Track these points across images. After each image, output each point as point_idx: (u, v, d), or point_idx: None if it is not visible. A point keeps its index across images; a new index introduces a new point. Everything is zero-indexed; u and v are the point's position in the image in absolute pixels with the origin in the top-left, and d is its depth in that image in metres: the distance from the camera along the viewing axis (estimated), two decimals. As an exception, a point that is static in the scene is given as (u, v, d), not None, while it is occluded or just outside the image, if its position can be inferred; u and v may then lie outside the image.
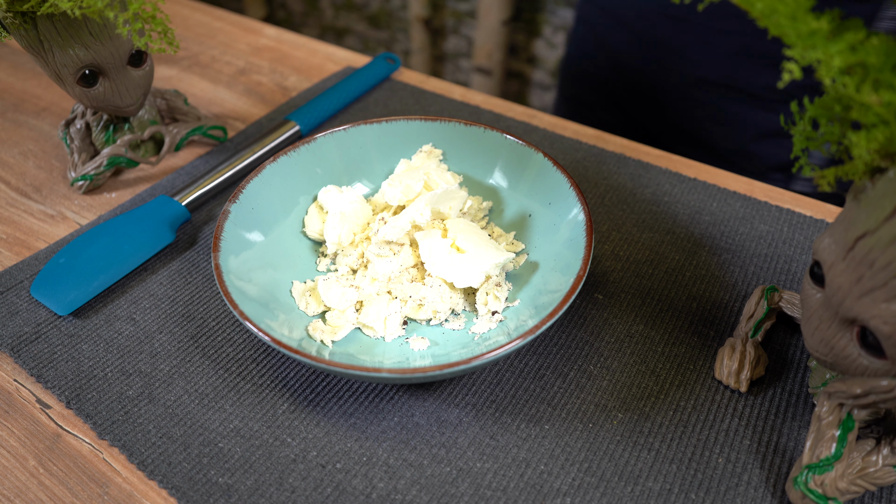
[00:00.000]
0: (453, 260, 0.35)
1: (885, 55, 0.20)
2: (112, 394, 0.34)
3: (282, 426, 0.32)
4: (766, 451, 0.30)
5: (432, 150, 0.42)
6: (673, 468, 0.30)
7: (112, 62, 0.42)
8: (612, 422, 0.32)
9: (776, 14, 0.21)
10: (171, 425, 0.32)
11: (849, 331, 0.25)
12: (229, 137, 0.52)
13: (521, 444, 0.31)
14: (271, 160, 0.39)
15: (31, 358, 0.35)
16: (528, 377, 0.34)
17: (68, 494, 0.30)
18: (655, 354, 0.35)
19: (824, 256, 0.25)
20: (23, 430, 0.33)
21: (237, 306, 0.31)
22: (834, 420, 0.27)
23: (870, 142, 0.21)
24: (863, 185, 0.24)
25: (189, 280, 0.40)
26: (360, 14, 1.71)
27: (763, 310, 0.35)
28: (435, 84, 0.58)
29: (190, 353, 0.36)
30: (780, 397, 0.33)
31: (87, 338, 0.36)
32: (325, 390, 0.34)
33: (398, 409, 0.33)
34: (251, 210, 0.37)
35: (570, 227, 0.36)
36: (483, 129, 0.41)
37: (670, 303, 0.38)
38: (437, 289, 0.36)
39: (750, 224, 0.42)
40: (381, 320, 0.35)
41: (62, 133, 0.49)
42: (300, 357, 0.29)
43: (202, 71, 0.62)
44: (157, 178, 0.49)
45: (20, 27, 0.39)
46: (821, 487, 0.27)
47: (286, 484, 0.30)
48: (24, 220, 0.45)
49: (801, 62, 0.21)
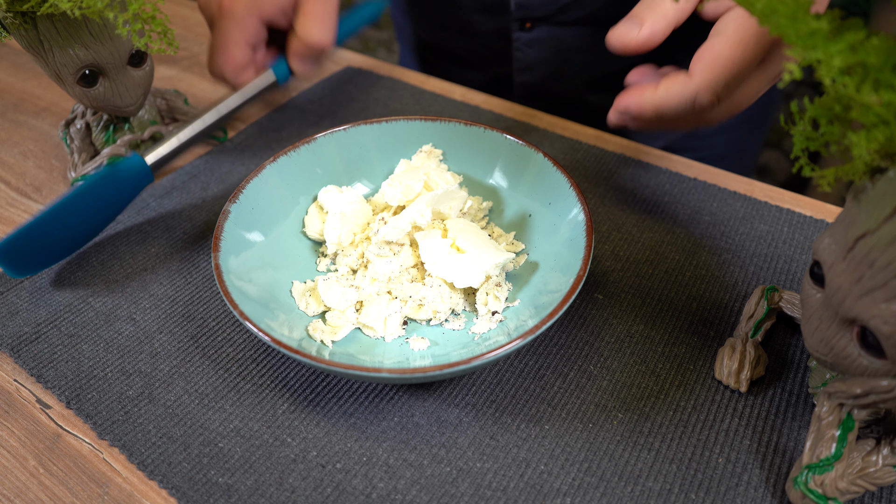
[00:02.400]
0: (453, 260, 0.35)
1: (885, 55, 0.20)
2: (112, 394, 0.34)
3: (282, 426, 0.32)
4: (766, 451, 0.30)
5: (432, 150, 0.42)
6: (673, 468, 0.30)
7: (112, 62, 0.42)
8: (612, 422, 0.32)
9: (776, 14, 0.21)
10: (171, 425, 0.32)
11: (849, 331, 0.25)
12: (229, 137, 0.52)
13: (521, 444, 0.31)
14: (271, 160, 0.39)
15: (31, 358, 0.35)
16: (528, 377, 0.34)
17: (68, 494, 0.30)
18: (655, 354, 0.35)
19: (824, 256, 0.25)
20: (23, 430, 0.33)
21: (237, 306, 0.31)
22: (834, 420, 0.27)
23: (870, 142, 0.21)
24: (863, 185, 0.24)
25: (189, 280, 0.40)
26: (360, 14, 1.70)
27: (763, 310, 0.35)
28: (435, 84, 0.58)
29: (190, 353, 0.36)
30: (780, 397, 0.33)
31: (87, 338, 0.36)
32: (325, 390, 0.34)
33: (398, 409, 0.33)
34: (251, 210, 0.37)
35: (570, 227, 0.36)
36: (483, 129, 0.41)
37: (670, 303, 0.38)
38: (437, 289, 0.36)
39: (750, 224, 0.42)
40: (381, 320, 0.35)
41: (62, 133, 0.49)
42: (300, 357, 0.29)
43: (202, 71, 0.62)
44: (157, 178, 0.49)
45: (20, 27, 0.39)
46: (821, 487, 0.27)
47: (286, 484, 0.30)
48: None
49: (801, 62, 0.21)
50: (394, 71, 0.60)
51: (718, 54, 0.30)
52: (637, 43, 0.32)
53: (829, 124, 0.24)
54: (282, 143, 0.51)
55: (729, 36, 0.30)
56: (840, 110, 0.23)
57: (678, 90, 0.32)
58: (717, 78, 0.31)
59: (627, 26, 0.32)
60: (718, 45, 0.31)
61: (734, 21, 0.31)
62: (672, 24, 0.32)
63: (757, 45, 0.31)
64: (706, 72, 0.31)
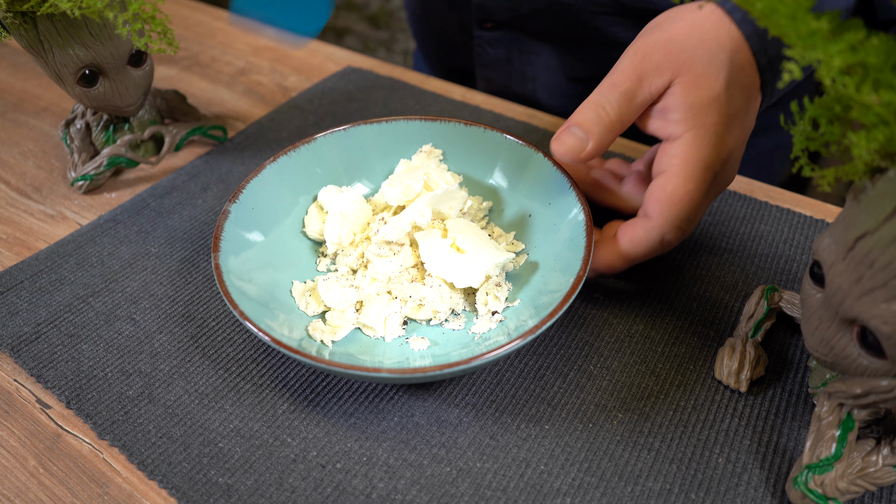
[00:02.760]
0: (453, 260, 0.35)
1: (885, 55, 0.20)
2: (112, 394, 0.34)
3: (282, 426, 0.32)
4: (766, 451, 0.30)
5: (432, 150, 0.42)
6: (673, 468, 0.30)
7: (112, 62, 0.42)
8: (612, 422, 0.32)
9: (776, 14, 0.21)
10: (171, 425, 0.32)
11: (849, 331, 0.25)
12: (229, 137, 0.52)
13: (521, 444, 0.31)
14: (271, 160, 0.39)
15: (32, 358, 0.35)
16: (528, 377, 0.34)
17: (68, 494, 0.30)
18: (655, 354, 0.35)
19: (824, 256, 0.25)
20: (23, 430, 0.33)
21: (237, 306, 0.31)
22: (834, 420, 0.27)
23: (870, 142, 0.21)
24: (863, 185, 0.24)
25: (189, 280, 0.40)
26: (360, 14, 1.71)
27: (763, 310, 0.35)
28: (435, 84, 0.58)
29: (190, 353, 0.36)
30: (780, 397, 0.33)
31: (87, 338, 0.36)
32: (325, 390, 0.34)
33: (398, 409, 0.33)
34: (251, 210, 0.37)
35: (570, 227, 0.36)
36: (483, 128, 0.41)
37: (670, 303, 0.38)
38: (437, 289, 0.36)
39: (750, 224, 0.42)
40: (381, 320, 0.35)
41: (62, 133, 0.49)
42: (301, 357, 0.29)
43: (202, 71, 0.62)
44: (157, 178, 0.49)
45: (20, 27, 0.39)
46: (821, 487, 0.27)
47: (286, 484, 0.30)
48: (24, 220, 0.45)
49: (801, 62, 0.21)
50: (394, 71, 0.60)
51: (673, 192, 0.32)
52: (585, 157, 0.33)
53: (829, 124, 0.24)
54: (281, 143, 0.51)
55: (678, 173, 0.32)
56: (840, 110, 0.23)
57: (643, 236, 0.33)
58: (678, 215, 0.32)
59: (575, 139, 0.33)
60: (671, 184, 0.32)
61: (679, 157, 0.32)
62: (616, 135, 0.33)
63: (706, 177, 0.32)
64: (666, 211, 0.32)
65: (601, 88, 0.33)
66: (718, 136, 0.33)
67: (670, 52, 0.32)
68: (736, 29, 0.34)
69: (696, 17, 0.34)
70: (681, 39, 0.33)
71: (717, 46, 0.33)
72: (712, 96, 0.32)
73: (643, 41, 0.33)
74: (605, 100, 0.33)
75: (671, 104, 0.33)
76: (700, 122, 0.32)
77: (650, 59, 0.33)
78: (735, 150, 0.34)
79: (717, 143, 0.33)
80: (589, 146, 0.33)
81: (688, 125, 0.33)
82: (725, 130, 0.33)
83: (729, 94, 0.33)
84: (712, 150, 0.33)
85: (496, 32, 0.59)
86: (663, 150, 0.33)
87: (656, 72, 0.32)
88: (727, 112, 0.33)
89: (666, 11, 0.35)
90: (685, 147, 0.32)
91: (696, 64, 0.32)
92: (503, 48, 0.60)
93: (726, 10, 0.34)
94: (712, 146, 0.33)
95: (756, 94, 0.35)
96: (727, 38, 0.33)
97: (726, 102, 0.33)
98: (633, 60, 0.33)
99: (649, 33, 0.34)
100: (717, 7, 0.34)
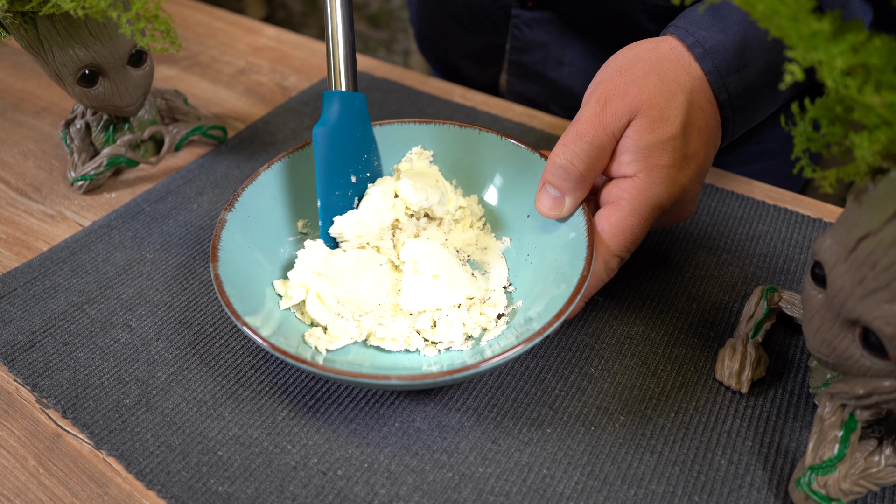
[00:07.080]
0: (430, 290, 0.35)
1: (887, 56, 0.20)
2: (109, 402, 0.33)
3: (282, 433, 0.32)
4: (769, 452, 0.30)
5: (422, 152, 0.42)
6: (676, 470, 0.30)
7: (112, 62, 0.42)
8: (614, 424, 0.32)
9: (777, 15, 0.21)
10: (170, 434, 0.32)
11: (851, 332, 0.25)
12: (229, 137, 0.52)
13: (524, 449, 0.31)
14: (266, 166, 0.39)
15: (26, 367, 0.35)
16: (528, 381, 0.34)
17: (68, 494, 0.30)
18: (656, 356, 0.35)
19: (826, 257, 0.25)
20: (23, 430, 0.33)
21: (240, 317, 0.30)
22: (836, 421, 0.27)
23: (872, 143, 0.21)
24: (864, 185, 0.24)
25: (185, 286, 0.39)
26: (360, 14, 1.70)
27: (763, 310, 0.35)
28: (434, 84, 0.58)
29: (187, 361, 0.35)
30: (782, 398, 0.33)
31: (83, 346, 0.36)
32: (325, 396, 0.33)
33: (399, 415, 0.33)
34: (247, 218, 0.37)
35: (570, 228, 0.36)
36: (478, 130, 0.41)
37: (670, 304, 0.37)
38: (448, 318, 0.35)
39: (749, 224, 0.42)
40: (401, 338, 0.35)
41: (62, 133, 0.48)
42: (309, 367, 0.29)
43: (202, 71, 0.61)
44: (158, 179, 0.48)
45: (20, 27, 0.39)
46: (824, 488, 0.27)
47: (287, 492, 0.30)
48: (24, 220, 0.45)
49: (803, 63, 0.21)
50: (391, 72, 0.60)
51: (616, 224, 0.33)
52: (566, 213, 0.35)
53: (830, 125, 0.24)
54: (277, 146, 0.51)
55: (625, 207, 0.33)
56: (841, 111, 0.23)
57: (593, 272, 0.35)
58: (620, 245, 0.33)
59: (551, 200, 0.35)
60: (615, 216, 0.33)
61: (629, 192, 0.33)
62: (590, 184, 0.35)
63: (652, 214, 0.33)
64: (611, 240, 0.33)
65: (566, 139, 0.34)
66: (670, 177, 0.33)
67: (628, 96, 0.33)
68: (697, 66, 0.34)
69: (656, 57, 0.34)
70: (639, 82, 0.33)
71: (676, 87, 0.33)
72: (666, 138, 0.33)
73: (604, 87, 0.34)
74: (571, 153, 0.33)
75: (624, 146, 0.33)
76: (652, 163, 0.33)
77: (611, 106, 0.33)
78: (689, 188, 0.35)
79: (669, 183, 0.33)
80: (566, 203, 0.35)
81: (639, 167, 0.33)
82: (678, 171, 0.34)
83: (685, 136, 0.33)
84: (663, 190, 0.33)
85: (536, 13, 0.59)
86: (615, 183, 0.34)
87: (615, 116, 0.33)
88: (682, 154, 0.34)
89: (627, 47, 0.36)
90: (635, 185, 0.33)
91: (653, 108, 0.33)
92: (542, 30, 0.60)
93: (687, 46, 0.34)
94: (663, 186, 0.33)
95: (716, 133, 0.36)
96: (686, 77, 0.34)
97: (682, 144, 0.33)
98: (595, 108, 0.33)
99: (610, 78, 0.34)
100: (679, 43, 0.35)
